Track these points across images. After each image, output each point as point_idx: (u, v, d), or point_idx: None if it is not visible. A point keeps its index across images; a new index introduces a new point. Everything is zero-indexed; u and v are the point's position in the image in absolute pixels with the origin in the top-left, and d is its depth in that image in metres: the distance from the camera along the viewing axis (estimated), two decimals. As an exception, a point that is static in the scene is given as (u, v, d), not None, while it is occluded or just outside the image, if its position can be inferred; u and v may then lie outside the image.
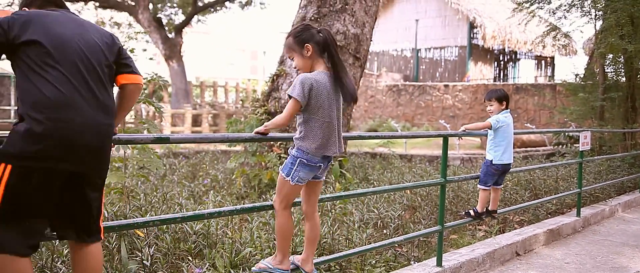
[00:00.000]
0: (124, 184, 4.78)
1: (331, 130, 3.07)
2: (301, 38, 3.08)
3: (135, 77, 2.57)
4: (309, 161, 3.05)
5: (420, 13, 26.25)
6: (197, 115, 19.65)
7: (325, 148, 3.07)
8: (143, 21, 20.31)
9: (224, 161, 8.05)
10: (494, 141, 4.65)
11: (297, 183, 3.09)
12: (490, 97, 4.69)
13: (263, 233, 4.34)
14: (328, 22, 7.18)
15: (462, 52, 25.73)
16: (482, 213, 4.75)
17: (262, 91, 8.06)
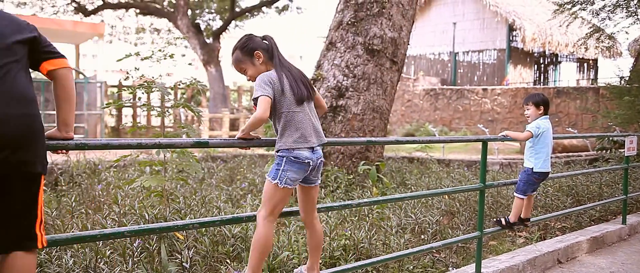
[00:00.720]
0: (164, 187, 4.86)
1: (306, 120, 2.98)
2: (249, 48, 3.07)
3: (61, 61, 2.35)
4: (296, 158, 2.92)
5: (458, 16, 25.95)
6: (235, 119, 19.85)
7: (305, 138, 2.96)
8: (182, 27, 20.65)
9: (261, 165, 8.11)
10: (534, 148, 4.50)
11: (286, 185, 2.92)
12: (527, 101, 4.58)
13: (300, 237, 4.36)
14: (365, 26, 7.18)
15: (500, 55, 25.32)
16: (515, 223, 4.61)
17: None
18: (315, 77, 7.28)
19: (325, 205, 3.60)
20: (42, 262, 3.49)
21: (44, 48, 2.32)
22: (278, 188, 2.93)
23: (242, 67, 3.12)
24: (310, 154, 2.97)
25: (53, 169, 7.14)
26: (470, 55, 26.57)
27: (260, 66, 3.06)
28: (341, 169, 6.74)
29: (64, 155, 6.97)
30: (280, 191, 2.94)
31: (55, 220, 4.48)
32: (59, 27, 18.44)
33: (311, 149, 2.98)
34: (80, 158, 7.43)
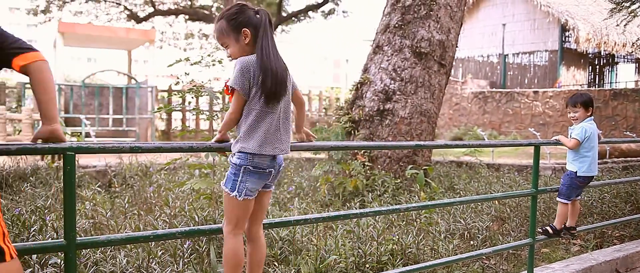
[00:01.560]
0: (213, 190, 4.94)
1: (276, 124, 2.61)
2: (237, 22, 2.63)
3: (34, 54, 2.20)
4: (255, 167, 2.58)
5: (508, 17, 25.42)
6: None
7: (272, 145, 2.59)
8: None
9: (308, 169, 8.14)
10: (580, 151, 4.30)
11: (246, 196, 2.60)
12: (575, 102, 4.25)
13: (347, 241, 4.35)
14: (412, 28, 7.12)
15: (552, 57, 24.66)
16: (561, 230, 4.44)
17: (346, 99, 8.08)
18: (362, 81, 7.27)
19: (373, 209, 3.58)
20: (97, 261, 3.60)
21: (11, 44, 2.18)
22: (238, 201, 2.60)
23: (225, 42, 2.70)
24: (271, 162, 2.64)
25: (107, 171, 7.35)
26: (521, 57, 25.99)
27: (245, 46, 2.64)
28: (388, 173, 6.70)
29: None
30: (241, 203, 2.61)
31: (110, 220, 4.61)
32: (113, 34, 19.03)
33: (274, 157, 2.64)
34: (133, 161, 7.63)
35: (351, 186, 6.22)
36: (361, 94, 7.27)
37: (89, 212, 4.92)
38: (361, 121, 7.09)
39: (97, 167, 7.47)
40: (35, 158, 7.42)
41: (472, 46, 26.61)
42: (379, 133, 6.98)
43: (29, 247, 2.56)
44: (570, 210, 4.41)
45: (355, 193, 6.33)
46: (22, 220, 4.15)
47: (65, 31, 17.84)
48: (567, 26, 23.16)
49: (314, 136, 3.12)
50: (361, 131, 7.02)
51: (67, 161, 2.38)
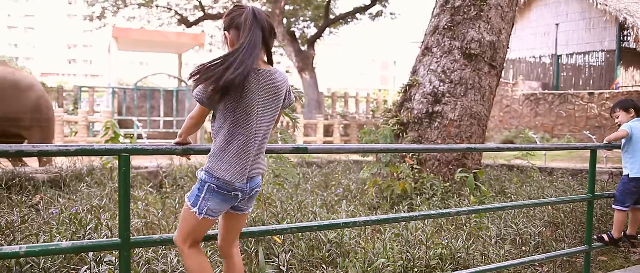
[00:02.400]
0: (261, 191, 4.98)
1: (252, 143, 2.40)
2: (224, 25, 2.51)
3: None
4: (219, 188, 2.40)
5: (561, 16, 24.71)
6: (329, 125, 20.04)
7: (243, 168, 2.40)
8: (277, 35, 21.17)
9: (356, 171, 8.12)
10: (628, 151, 4.19)
11: (206, 216, 2.44)
12: (614, 107, 4.46)
13: (395, 245, 4.31)
14: (462, 30, 7.00)
15: (609, 57, 23.83)
16: (619, 239, 4.27)
17: (394, 101, 8.02)
18: (411, 83, 7.20)
19: (422, 213, 3.54)
20: (149, 259, 3.68)
21: None
22: (196, 218, 2.45)
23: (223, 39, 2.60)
24: (242, 186, 2.43)
25: (158, 172, 7.52)
26: (575, 57, 25.21)
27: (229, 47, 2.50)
28: (437, 176, 6.61)
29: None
30: (199, 222, 2.46)
31: (161, 220, 4.71)
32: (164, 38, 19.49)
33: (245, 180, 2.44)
34: (183, 162, 7.77)
35: (399, 189, 6.17)
36: (409, 96, 7.20)
37: (141, 212, 5.03)
38: (410, 124, 7.02)
39: (149, 168, 7.64)
40: (90, 158, 7.65)
41: (523, 46, 25.99)
42: (428, 135, 6.89)
43: (86, 245, 2.63)
44: (630, 218, 4.28)
45: (404, 196, 6.27)
46: (78, 218, 4.28)
47: (119, 36, 18.38)
48: (626, 25, 22.31)
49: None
50: (409, 134, 6.95)
51: (122, 162, 2.44)
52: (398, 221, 4.04)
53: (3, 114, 9.27)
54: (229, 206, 2.51)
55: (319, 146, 3.22)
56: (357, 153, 3.57)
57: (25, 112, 9.54)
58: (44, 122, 9.91)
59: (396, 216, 3.57)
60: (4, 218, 4.30)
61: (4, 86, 9.42)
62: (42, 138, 9.87)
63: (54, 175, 6.86)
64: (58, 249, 2.56)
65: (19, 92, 9.57)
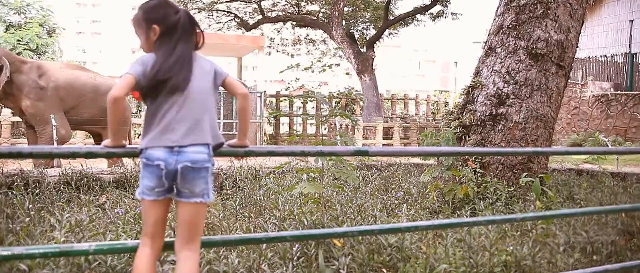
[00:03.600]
0: (321, 194, 4.96)
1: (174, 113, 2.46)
2: (151, 16, 2.57)
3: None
4: (147, 160, 2.42)
5: (635, 13, 23.53)
6: (388, 128, 19.88)
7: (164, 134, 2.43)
8: (336, 37, 21.18)
9: (416, 175, 7.99)
10: None
11: (143, 196, 2.45)
12: None
13: (458, 250, 4.20)
14: (528, 29, 6.77)
15: (687, 56, 22.56)
16: None
17: (456, 103, 7.85)
18: (474, 85, 7.02)
19: (486, 218, 3.42)
20: (211, 260, 3.72)
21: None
22: (141, 202, 2.48)
23: (137, 33, 2.64)
24: (164, 155, 2.42)
25: (219, 174, 7.63)
26: (650, 56, 24.00)
27: (152, 43, 2.59)
28: (501, 180, 6.41)
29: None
30: (143, 205, 2.47)
31: (222, 221, 4.77)
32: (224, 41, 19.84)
33: (170, 148, 2.43)
34: (243, 164, 7.87)
35: (462, 193, 6.01)
36: (472, 98, 7.02)
37: (203, 213, 5.11)
38: (472, 126, 6.84)
39: (210, 169, 7.76)
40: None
41: (594, 45, 24.93)
42: (491, 138, 6.70)
43: (150, 245, 2.68)
44: None
45: (466, 200, 6.11)
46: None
47: (182, 40, 18.82)
48: None
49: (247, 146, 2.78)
50: (472, 137, 6.78)
51: (185, 163, 2.46)
52: (461, 226, 3.94)
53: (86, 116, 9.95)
54: (160, 184, 2.44)
55: (381, 149, 3.16)
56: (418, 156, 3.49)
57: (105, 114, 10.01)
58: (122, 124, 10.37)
59: (459, 221, 3.47)
60: (74, 217, 4.45)
61: (85, 90, 10.08)
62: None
63: (119, 175, 7.08)
64: (124, 248, 2.62)
65: (98, 95, 10.22)
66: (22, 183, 6.03)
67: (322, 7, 24.11)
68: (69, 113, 9.99)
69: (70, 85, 9.93)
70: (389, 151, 3.13)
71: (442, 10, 23.04)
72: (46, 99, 9.56)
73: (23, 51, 25.46)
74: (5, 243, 3.76)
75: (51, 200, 5.64)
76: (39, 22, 27.60)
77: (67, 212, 4.63)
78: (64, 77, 9.90)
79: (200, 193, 2.49)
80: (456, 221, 3.44)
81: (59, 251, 2.50)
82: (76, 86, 10.02)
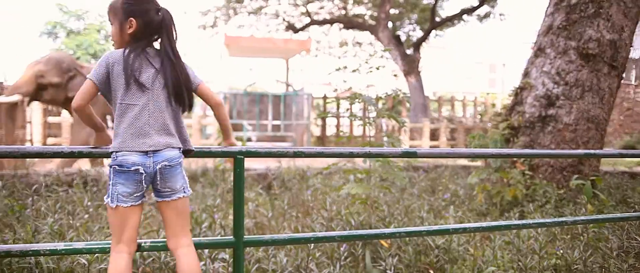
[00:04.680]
0: (368, 195, 5.00)
1: (146, 115, 2.39)
2: (131, 8, 2.46)
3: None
4: (120, 166, 2.35)
5: (693, 12, 22.60)
6: (435, 129, 19.71)
7: (138, 137, 2.37)
8: (383, 39, 21.13)
9: (463, 176, 7.93)
10: None
11: (119, 203, 2.36)
12: None
13: (506, 253, 4.17)
14: (578, 29, 6.64)
15: None
16: None
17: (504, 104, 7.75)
18: (522, 86, 6.92)
19: (536, 221, 3.39)
20: (259, 258, 3.82)
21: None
22: (112, 210, 2.38)
23: (111, 20, 2.54)
24: (140, 159, 2.37)
25: (268, 174, 7.76)
26: None
27: (126, 36, 2.49)
28: (550, 183, 6.30)
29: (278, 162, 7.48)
30: (116, 212, 2.38)
31: (270, 221, 4.87)
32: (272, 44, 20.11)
33: (144, 152, 2.38)
34: (291, 165, 7.98)
35: (510, 195, 5.95)
36: (521, 99, 6.93)
37: (252, 212, 5.23)
38: (521, 128, 6.75)
39: (258, 170, 7.91)
40: (204, 160, 8.04)
41: (648, 45, 24.06)
42: (541, 140, 6.60)
43: (203, 242, 2.79)
44: None
45: (514, 202, 6.04)
46: (194, 217, 4.53)
47: (230, 43, 19.19)
48: None
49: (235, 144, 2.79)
50: (521, 138, 6.69)
51: (237, 164, 2.56)
52: (510, 228, 3.92)
53: None
54: (139, 188, 2.39)
55: (429, 151, 3.19)
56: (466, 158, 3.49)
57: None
58: None
59: (508, 223, 3.46)
60: (130, 215, 4.63)
61: None
62: None
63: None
64: (179, 245, 2.72)
65: None
66: (81, 181, 6.29)
67: (369, 9, 24.09)
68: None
69: None
70: (437, 152, 3.15)
71: (490, 11, 22.68)
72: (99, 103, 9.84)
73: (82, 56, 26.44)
74: (67, 238, 3.95)
75: (108, 198, 5.86)
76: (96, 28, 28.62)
77: (123, 210, 4.82)
78: None
79: (181, 188, 2.50)
80: (505, 223, 3.43)
81: (118, 246, 2.62)
82: None
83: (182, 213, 2.51)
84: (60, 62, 9.44)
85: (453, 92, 38.10)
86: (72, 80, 9.43)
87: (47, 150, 2.54)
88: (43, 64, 9.39)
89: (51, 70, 9.35)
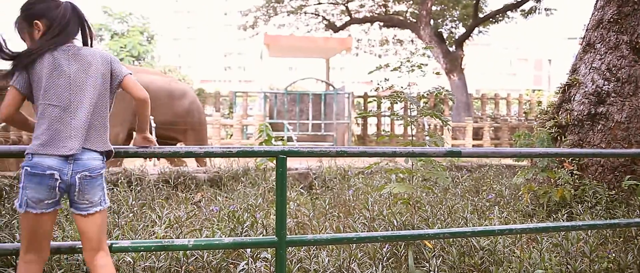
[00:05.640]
0: (411, 195, 4.93)
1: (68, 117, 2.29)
2: (30, 12, 2.40)
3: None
4: (33, 168, 2.21)
5: None
6: (478, 128, 19.39)
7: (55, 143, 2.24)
8: (424, 37, 20.90)
9: (508, 176, 7.74)
10: None
11: (28, 209, 2.22)
12: None
13: (554, 256, 4.04)
14: (631, 22, 6.39)
15: None
16: None
17: (550, 102, 7.53)
18: (570, 83, 6.71)
19: (586, 223, 3.27)
20: (301, 258, 3.80)
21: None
22: (21, 215, 2.25)
23: (23, 38, 2.47)
24: (58, 164, 2.24)
25: (308, 173, 7.75)
26: None
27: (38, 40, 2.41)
28: (600, 183, 6.08)
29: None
30: (24, 218, 2.25)
31: (311, 220, 4.84)
32: (312, 43, 20.15)
33: (65, 157, 2.26)
34: (332, 164, 7.95)
35: (557, 196, 5.77)
36: (569, 96, 6.71)
37: (293, 212, 5.22)
38: (569, 126, 6.54)
39: (298, 169, 7.91)
40: (245, 160, 8.08)
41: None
42: (590, 139, 6.38)
43: (246, 242, 2.79)
44: None
45: (562, 203, 5.85)
46: (236, 216, 4.55)
47: (271, 43, 19.31)
48: None
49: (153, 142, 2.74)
50: (569, 137, 6.48)
51: (280, 163, 2.54)
52: (558, 230, 3.79)
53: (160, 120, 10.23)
54: (50, 195, 2.26)
55: (474, 150, 3.11)
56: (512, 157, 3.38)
57: (179, 117, 10.49)
58: (197, 125, 10.82)
59: (556, 225, 3.34)
60: (172, 214, 4.69)
61: (160, 94, 10.39)
62: (196, 141, 10.75)
63: (213, 174, 7.36)
64: (221, 244, 2.74)
65: (173, 100, 10.54)
66: (126, 180, 6.41)
67: (410, 6, 23.87)
68: None
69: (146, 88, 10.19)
70: (482, 152, 3.07)
71: (535, 6, 22.10)
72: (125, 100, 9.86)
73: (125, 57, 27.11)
74: (112, 236, 4.02)
75: (152, 197, 5.96)
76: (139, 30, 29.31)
77: (166, 209, 4.89)
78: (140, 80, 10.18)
79: (98, 201, 2.39)
80: (553, 225, 3.32)
81: (161, 245, 2.65)
82: (152, 89, 10.23)
83: (99, 226, 2.40)
84: None
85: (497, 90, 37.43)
86: None
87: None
88: None
89: None
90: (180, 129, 10.60)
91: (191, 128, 10.77)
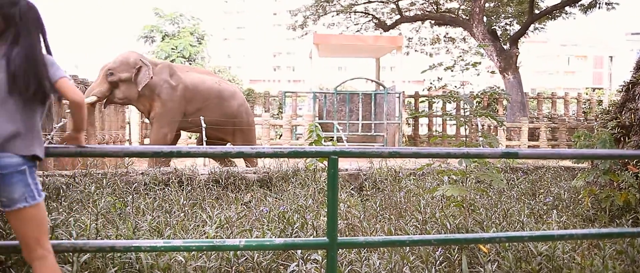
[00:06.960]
0: (464, 197, 4.79)
1: None
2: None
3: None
4: None
5: None
6: (534, 129, 18.85)
7: None
8: (477, 35, 20.46)
9: (567, 179, 7.46)
10: None
11: None
12: None
13: (618, 263, 3.84)
14: (701, 18, 6.04)
15: None
16: None
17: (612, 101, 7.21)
18: (635, 81, 6.40)
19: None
20: (352, 260, 3.74)
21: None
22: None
23: None
24: None
25: (359, 174, 7.68)
26: None
27: None
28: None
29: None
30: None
31: (362, 222, 4.78)
32: (362, 42, 20.03)
33: None
34: (382, 165, 7.85)
35: (621, 200, 5.50)
36: (633, 95, 6.40)
37: (343, 213, 5.17)
38: (633, 127, 6.24)
39: (348, 170, 7.85)
40: (295, 160, 8.07)
41: None
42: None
43: (297, 243, 2.76)
44: None
45: (626, 208, 5.58)
46: (286, 217, 4.53)
47: (320, 42, 19.30)
48: None
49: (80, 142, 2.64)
50: (633, 138, 6.17)
51: (331, 164, 2.49)
52: (623, 236, 3.60)
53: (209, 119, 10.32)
54: None
55: (531, 151, 2.98)
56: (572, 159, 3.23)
57: (228, 118, 10.57)
58: (245, 127, 10.89)
59: (621, 231, 3.18)
60: (223, 214, 4.72)
61: (210, 95, 10.49)
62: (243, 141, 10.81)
63: (263, 175, 7.39)
64: (272, 245, 2.71)
65: (222, 100, 10.62)
66: (176, 180, 6.50)
67: (462, 4, 23.43)
68: (193, 115, 10.24)
69: (196, 87, 10.29)
70: (541, 153, 2.94)
71: (595, 1, 21.26)
72: (175, 100, 9.97)
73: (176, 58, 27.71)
74: (164, 235, 4.07)
75: (202, 197, 6.02)
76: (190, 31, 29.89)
77: (217, 209, 4.92)
78: (190, 80, 10.26)
79: (20, 198, 2.37)
80: (617, 230, 3.15)
81: (213, 245, 2.65)
82: (201, 89, 10.38)
83: (29, 223, 2.39)
84: (127, 58, 9.77)
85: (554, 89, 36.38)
86: (139, 73, 9.68)
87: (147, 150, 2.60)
88: (111, 62, 9.80)
89: (119, 66, 9.68)
90: (229, 130, 10.70)
91: (239, 129, 10.86)
